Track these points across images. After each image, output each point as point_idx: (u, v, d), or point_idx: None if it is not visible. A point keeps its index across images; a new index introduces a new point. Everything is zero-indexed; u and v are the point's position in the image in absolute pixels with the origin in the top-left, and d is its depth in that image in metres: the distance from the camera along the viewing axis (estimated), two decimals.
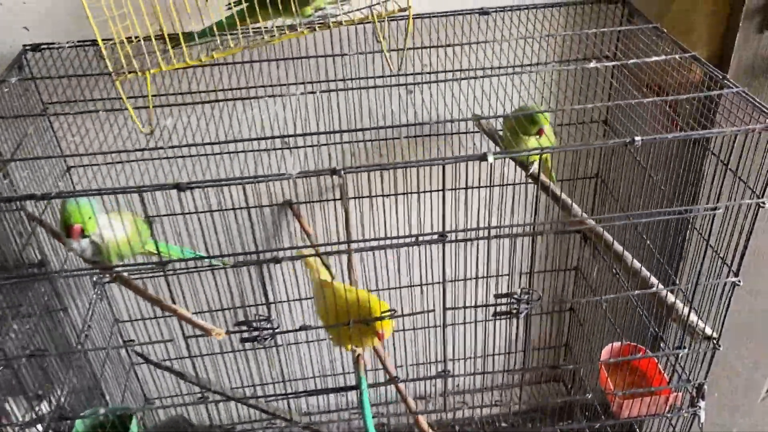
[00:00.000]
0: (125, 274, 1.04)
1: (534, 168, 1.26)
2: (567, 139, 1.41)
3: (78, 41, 1.23)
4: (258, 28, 0.97)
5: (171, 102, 1.08)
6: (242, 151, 1.14)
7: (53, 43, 1.26)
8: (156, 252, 1.07)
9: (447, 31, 1.32)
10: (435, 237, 0.94)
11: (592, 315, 1.58)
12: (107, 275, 1.03)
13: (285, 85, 1.22)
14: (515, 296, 1.00)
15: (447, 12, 1.32)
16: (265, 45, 0.95)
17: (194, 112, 1.11)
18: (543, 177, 1.26)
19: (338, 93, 1.17)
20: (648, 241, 1.19)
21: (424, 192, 1.43)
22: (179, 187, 0.85)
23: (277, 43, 0.96)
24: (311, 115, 1.28)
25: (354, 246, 1.04)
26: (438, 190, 1.36)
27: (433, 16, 1.31)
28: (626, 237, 1.15)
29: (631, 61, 1.11)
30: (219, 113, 1.09)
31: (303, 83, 1.21)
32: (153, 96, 1.07)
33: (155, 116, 1.12)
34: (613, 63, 1.11)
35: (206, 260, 1.13)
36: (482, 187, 1.06)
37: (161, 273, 0.93)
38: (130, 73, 0.93)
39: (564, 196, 1.24)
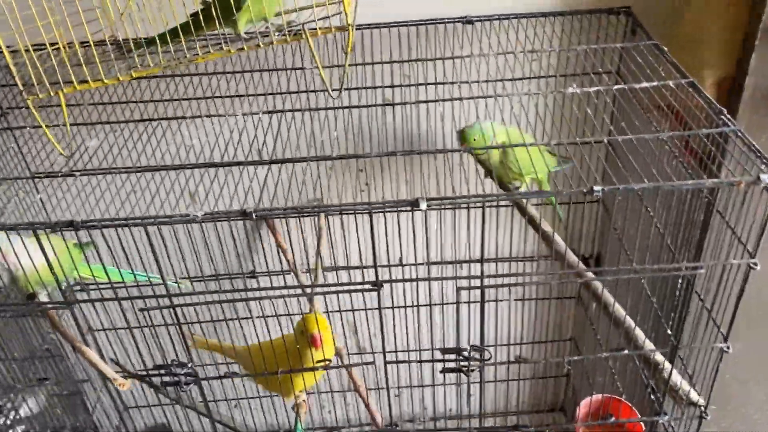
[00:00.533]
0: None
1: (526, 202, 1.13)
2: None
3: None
4: (181, 46, 0.87)
5: (96, 120, 0.99)
6: (188, 167, 1.04)
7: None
8: (91, 277, 0.99)
9: (427, 41, 1.20)
10: (367, 286, 0.83)
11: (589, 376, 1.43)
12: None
13: (238, 96, 1.12)
14: (464, 353, 0.88)
15: (427, 20, 1.20)
16: (188, 64, 0.85)
17: (126, 131, 1.02)
18: (535, 215, 1.13)
19: (286, 115, 1.07)
20: (651, 296, 1.05)
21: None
22: (74, 225, 0.77)
23: (201, 62, 0.86)
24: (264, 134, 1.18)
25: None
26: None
27: (411, 24, 1.19)
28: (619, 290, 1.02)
29: (628, 85, 0.97)
30: (154, 132, 1.00)
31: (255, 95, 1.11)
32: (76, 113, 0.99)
33: (77, 136, 1.04)
34: (608, 87, 0.97)
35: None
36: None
37: (65, 306, 0.85)
38: (43, 94, 0.85)
39: (558, 238, 1.10)
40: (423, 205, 0.75)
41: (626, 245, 1.15)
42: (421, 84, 1.22)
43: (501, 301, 0.96)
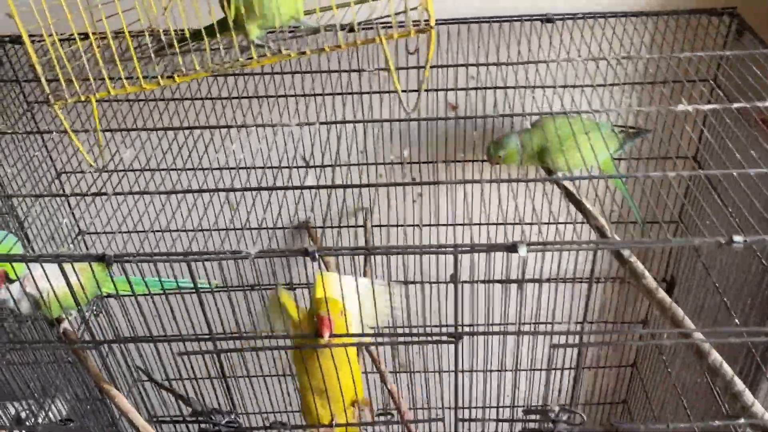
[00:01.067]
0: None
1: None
2: (635, 188, 1.12)
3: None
4: (230, 43, 0.74)
5: (131, 126, 0.87)
6: (236, 190, 0.92)
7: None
8: (115, 293, 0.88)
9: (500, 39, 1.06)
10: (444, 338, 0.71)
11: None
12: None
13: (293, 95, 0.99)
14: (551, 414, 0.76)
15: (501, 17, 1.06)
16: (241, 68, 0.72)
17: (165, 139, 0.89)
18: (596, 214, 0.99)
19: (347, 126, 0.94)
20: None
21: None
22: (106, 260, 0.65)
23: (255, 66, 0.73)
24: (322, 146, 1.06)
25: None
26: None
27: (483, 21, 1.06)
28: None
29: (735, 105, 0.83)
30: (194, 143, 0.88)
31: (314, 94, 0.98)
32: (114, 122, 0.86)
33: (110, 145, 0.92)
34: (708, 107, 0.83)
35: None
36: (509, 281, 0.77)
37: (92, 346, 0.74)
38: (72, 99, 0.73)
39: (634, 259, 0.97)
40: (522, 251, 0.62)
41: (709, 271, 1.02)
42: (489, 87, 1.08)
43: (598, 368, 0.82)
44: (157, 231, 1.08)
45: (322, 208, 1.31)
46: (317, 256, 0.64)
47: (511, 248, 0.63)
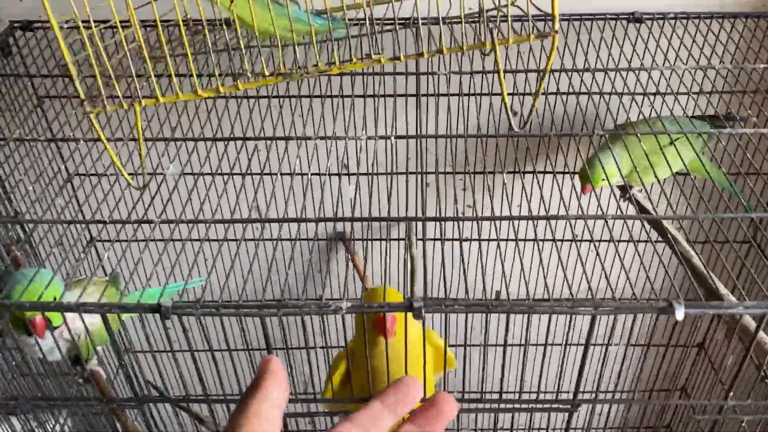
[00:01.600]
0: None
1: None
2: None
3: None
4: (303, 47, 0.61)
5: (173, 135, 0.74)
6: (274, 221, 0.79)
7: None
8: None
9: (582, 37, 0.94)
10: (559, 405, 0.59)
11: None
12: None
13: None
14: None
15: (582, 14, 0.94)
16: (318, 76, 0.60)
17: (214, 151, 0.77)
18: (680, 238, 0.87)
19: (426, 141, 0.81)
20: None
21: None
22: (162, 312, 0.53)
23: (334, 73, 0.60)
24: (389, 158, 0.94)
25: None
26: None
27: (563, 19, 0.94)
28: None
29: None
30: (246, 155, 0.75)
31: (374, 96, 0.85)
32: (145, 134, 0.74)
33: (150, 160, 0.79)
34: None
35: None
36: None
37: (136, 405, 0.61)
38: (109, 105, 0.60)
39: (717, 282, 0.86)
40: (680, 314, 0.51)
41: None
42: (563, 93, 0.96)
43: None
44: (178, 240, 0.94)
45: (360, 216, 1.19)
46: (423, 313, 0.52)
47: (664, 310, 0.51)
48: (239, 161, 0.74)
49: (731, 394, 0.62)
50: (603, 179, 0.85)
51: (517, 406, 0.59)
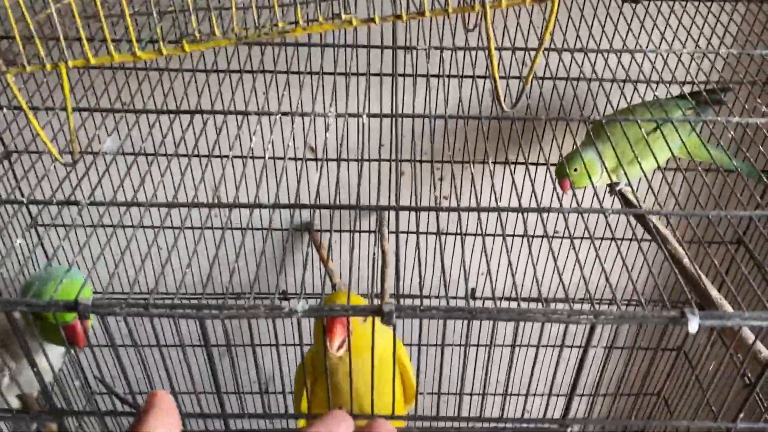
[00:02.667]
0: None
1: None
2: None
3: None
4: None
5: (111, 105, 0.64)
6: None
7: None
8: None
9: (574, 15, 0.87)
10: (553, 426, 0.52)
11: None
12: None
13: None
14: None
15: None
16: (278, 37, 0.51)
17: (158, 127, 0.67)
18: (668, 235, 0.81)
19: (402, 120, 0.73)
20: None
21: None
22: (79, 312, 0.44)
23: (299, 34, 0.52)
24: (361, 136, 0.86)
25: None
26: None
27: None
28: None
29: None
30: (199, 126, 0.66)
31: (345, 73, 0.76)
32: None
33: (87, 135, 0.70)
34: None
35: None
36: None
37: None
38: (33, 66, 0.51)
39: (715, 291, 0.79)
40: (693, 326, 0.43)
41: None
42: (548, 78, 0.88)
43: None
44: (129, 227, 0.85)
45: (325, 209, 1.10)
46: (394, 319, 0.44)
47: (675, 320, 0.44)
48: (185, 140, 0.64)
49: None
50: (586, 180, 0.78)
51: (500, 426, 0.51)
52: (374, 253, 1.08)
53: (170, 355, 0.90)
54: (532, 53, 0.78)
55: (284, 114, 0.63)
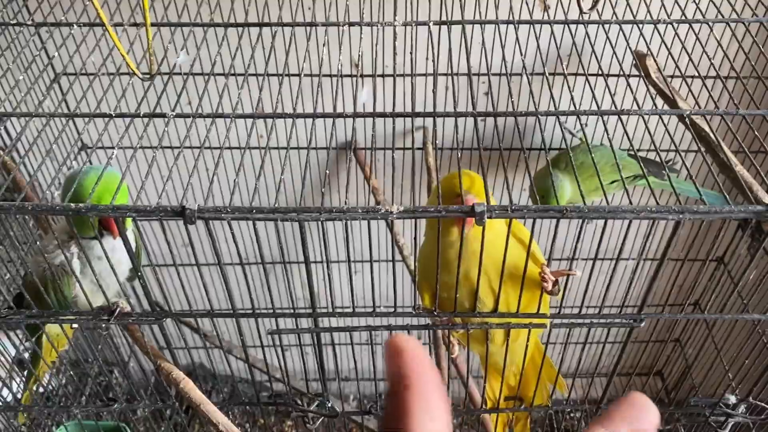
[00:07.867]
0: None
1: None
2: None
3: None
4: None
5: (185, 21, 0.64)
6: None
7: None
8: None
9: None
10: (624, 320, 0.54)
11: None
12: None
13: None
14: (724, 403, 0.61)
15: None
16: None
17: (225, 41, 0.68)
18: None
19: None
20: None
21: None
22: (185, 217, 0.46)
23: None
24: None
25: None
26: None
27: None
28: None
29: None
30: (264, 42, 0.66)
31: None
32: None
33: (159, 50, 0.70)
34: None
35: None
36: None
37: (153, 320, 0.56)
38: None
39: None
40: None
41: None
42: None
43: None
44: (177, 147, 0.86)
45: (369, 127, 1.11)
46: (485, 220, 0.46)
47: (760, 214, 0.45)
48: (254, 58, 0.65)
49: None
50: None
51: (578, 321, 0.54)
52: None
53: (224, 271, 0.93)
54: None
55: (352, 24, 0.63)
